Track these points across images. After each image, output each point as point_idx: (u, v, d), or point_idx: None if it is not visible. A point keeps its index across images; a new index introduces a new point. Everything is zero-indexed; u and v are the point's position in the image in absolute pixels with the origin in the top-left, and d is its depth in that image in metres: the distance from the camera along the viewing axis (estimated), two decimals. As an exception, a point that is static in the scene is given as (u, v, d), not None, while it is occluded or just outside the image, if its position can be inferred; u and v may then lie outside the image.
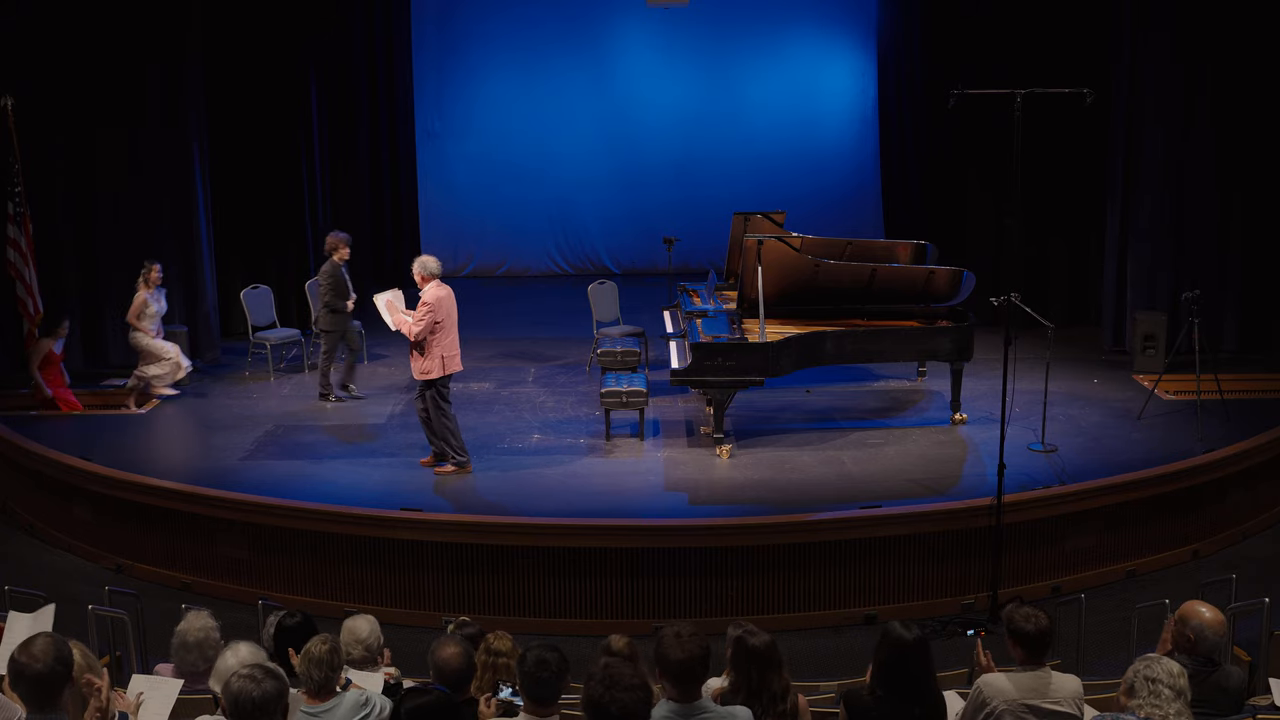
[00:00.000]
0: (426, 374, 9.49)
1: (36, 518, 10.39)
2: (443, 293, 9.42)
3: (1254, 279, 12.68)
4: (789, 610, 8.74)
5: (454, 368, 9.56)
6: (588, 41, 16.12)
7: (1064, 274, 14.09)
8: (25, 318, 11.81)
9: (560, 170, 16.33)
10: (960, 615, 8.79)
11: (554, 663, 4.31)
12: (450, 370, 9.53)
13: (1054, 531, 9.16)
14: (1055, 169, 13.39)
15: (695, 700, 4.28)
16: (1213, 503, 9.79)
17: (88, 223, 12.45)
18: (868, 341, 10.55)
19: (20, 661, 3.99)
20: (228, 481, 9.62)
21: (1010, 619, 5.01)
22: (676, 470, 9.91)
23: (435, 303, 9.31)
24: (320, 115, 14.28)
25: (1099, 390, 11.79)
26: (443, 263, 10.09)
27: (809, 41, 16.17)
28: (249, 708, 4.03)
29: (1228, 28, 12.08)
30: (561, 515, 9.08)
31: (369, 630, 5.59)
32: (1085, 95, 8.75)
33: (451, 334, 9.47)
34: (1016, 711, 4.82)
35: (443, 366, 9.47)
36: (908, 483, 9.57)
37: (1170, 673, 4.35)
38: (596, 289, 12.87)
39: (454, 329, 9.49)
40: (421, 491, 9.55)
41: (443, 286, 9.48)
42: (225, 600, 8.94)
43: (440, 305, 9.34)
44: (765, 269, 10.19)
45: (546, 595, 8.78)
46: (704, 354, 9.91)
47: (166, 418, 11.42)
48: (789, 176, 15.78)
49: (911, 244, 11.62)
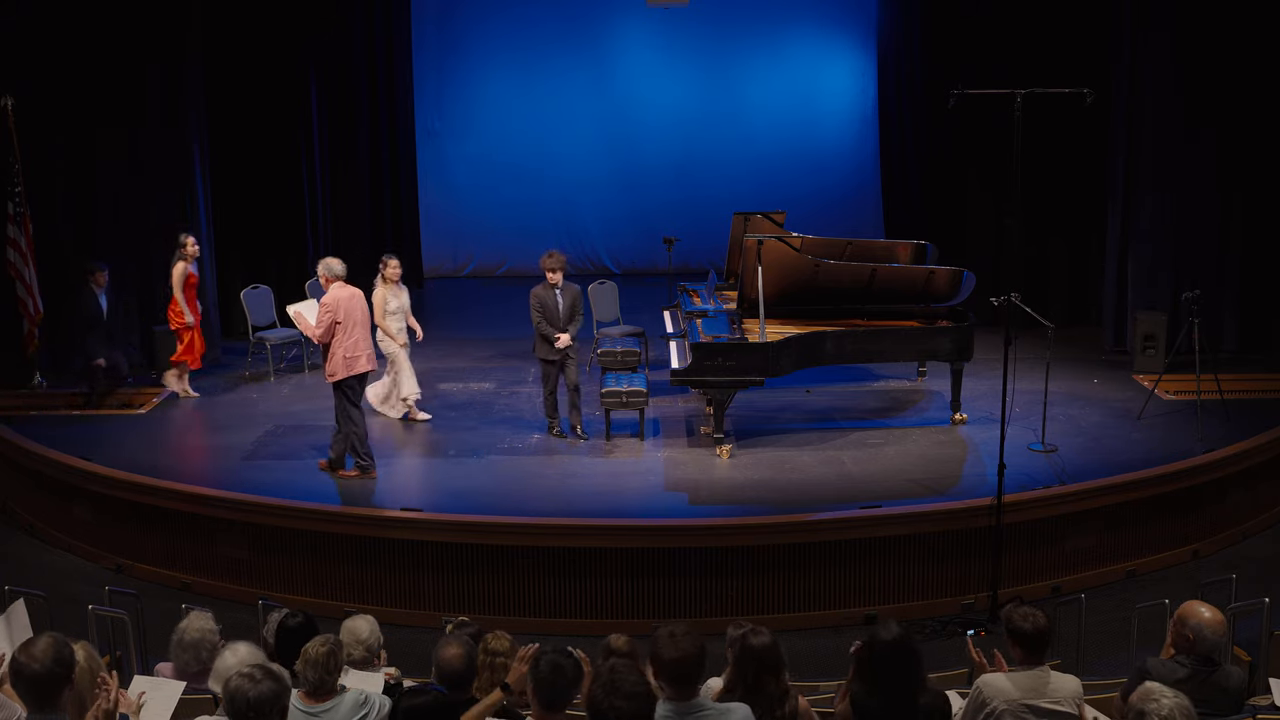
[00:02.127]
0: (332, 376, 9.50)
1: (36, 518, 10.40)
2: (343, 294, 9.43)
3: (1254, 279, 12.68)
4: (789, 610, 8.74)
5: (359, 368, 9.48)
6: (588, 41, 16.12)
7: (1064, 274, 14.09)
8: (25, 318, 11.82)
9: (560, 170, 16.33)
10: (960, 615, 8.79)
11: (569, 669, 4.29)
12: (355, 371, 9.46)
13: (1054, 531, 9.16)
14: (1055, 169, 13.39)
15: (691, 699, 4.28)
16: (1213, 503, 9.79)
17: (88, 223, 12.45)
18: (868, 341, 10.54)
19: (20, 661, 3.99)
20: (228, 481, 9.63)
21: (1009, 618, 5.01)
22: (676, 470, 9.91)
23: (334, 304, 9.36)
24: (320, 115, 14.29)
25: (1099, 390, 11.79)
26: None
27: (809, 41, 16.17)
28: (244, 707, 4.03)
29: (1228, 28, 12.07)
30: (561, 515, 9.08)
31: (369, 630, 5.60)
32: (1085, 95, 8.75)
33: (354, 335, 9.41)
34: (1016, 711, 4.82)
35: (346, 367, 9.41)
36: (908, 483, 9.57)
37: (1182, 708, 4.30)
38: (596, 289, 12.88)
39: (357, 330, 9.43)
40: (421, 491, 9.55)
41: (345, 288, 9.50)
42: (225, 600, 8.95)
43: (339, 306, 9.35)
44: (765, 269, 10.19)
45: (546, 595, 8.78)
46: (704, 354, 9.91)
47: (167, 418, 11.42)
48: (789, 176, 15.78)
49: (911, 244, 11.62)
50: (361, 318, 9.50)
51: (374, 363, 9.69)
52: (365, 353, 9.48)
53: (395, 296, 10.80)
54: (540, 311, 10.35)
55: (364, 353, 9.46)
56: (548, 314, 10.35)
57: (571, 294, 10.48)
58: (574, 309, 10.47)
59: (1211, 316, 12.06)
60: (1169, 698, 4.28)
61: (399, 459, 10.27)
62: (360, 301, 9.55)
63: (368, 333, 9.57)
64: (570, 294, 10.47)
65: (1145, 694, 4.34)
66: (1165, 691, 4.33)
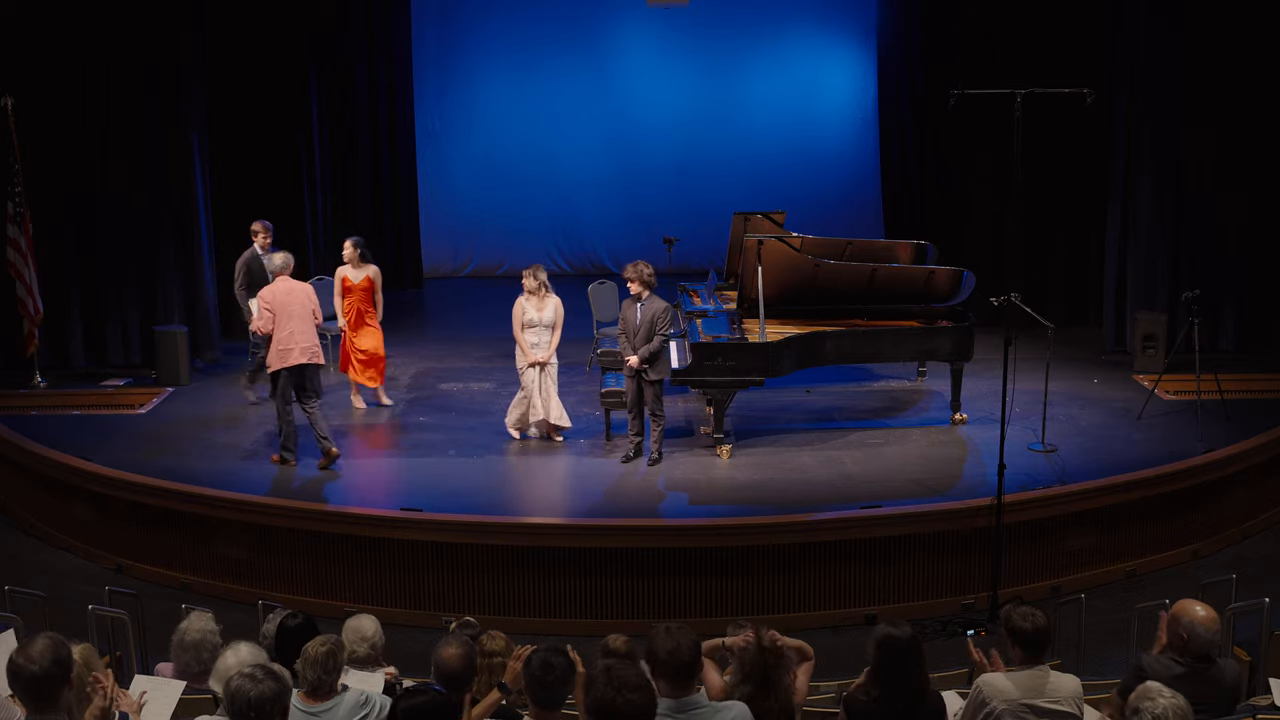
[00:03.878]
0: (268, 366, 9.76)
1: (36, 517, 10.40)
2: (280, 288, 9.68)
3: (1254, 279, 12.68)
4: (789, 610, 8.74)
5: (292, 360, 9.59)
6: (588, 41, 16.11)
7: (1064, 274, 14.08)
8: (25, 318, 11.83)
9: (560, 170, 16.32)
10: (960, 615, 8.79)
11: (559, 667, 4.29)
12: (288, 363, 9.59)
13: (1054, 531, 9.16)
14: (1055, 169, 13.38)
15: (688, 696, 4.28)
16: (1213, 503, 9.79)
17: (88, 223, 12.45)
18: (868, 342, 10.54)
19: (17, 663, 3.99)
20: (228, 481, 9.62)
21: (1008, 618, 5.01)
22: (676, 470, 9.91)
23: (270, 298, 9.62)
24: (320, 115, 14.29)
25: (1099, 390, 11.79)
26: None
27: (809, 41, 16.15)
28: (244, 706, 4.03)
29: (1228, 27, 12.08)
30: (561, 515, 9.07)
31: (374, 629, 5.61)
32: (1085, 95, 8.75)
33: (288, 328, 9.56)
34: (1016, 711, 4.82)
35: (280, 359, 9.61)
36: (908, 483, 9.57)
37: (1177, 708, 4.30)
38: (596, 289, 12.87)
39: (292, 323, 9.58)
40: (422, 491, 9.55)
41: (286, 282, 9.75)
42: (225, 600, 8.95)
43: (274, 300, 9.59)
44: (765, 269, 10.19)
45: (546, 595, 8.78)
46: (704, 354, 9.90)
47: (167, 418, 11.41)
48: (789, 176, 15.76)
49: (911, 244, 11.62)
50: (299, 311, 9.62)
51: (309, 355, 9.68)
52: (299, 345, 9.59)
53: (535, 309, 10.21)
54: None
55: (297, 345, 9.59)
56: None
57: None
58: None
59: (1211, 316, 12.07)
60: (1166, 697, 4.29)
61: (399, 459, 10.27)
62: (300, 296, 9.70)
63: (306, 326, 9.66)
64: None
65: (1143, 693, 4.35)
66: (1163, 691, 4.34)
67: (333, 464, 9.82)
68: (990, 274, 12.33)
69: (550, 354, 10.24)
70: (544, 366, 10.20)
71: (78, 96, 12.13)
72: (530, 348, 10.17)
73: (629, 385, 9.91)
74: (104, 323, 12.61)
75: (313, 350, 9.71)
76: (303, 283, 9.97)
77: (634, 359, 9.72)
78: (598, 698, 3.86)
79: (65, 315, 12.50)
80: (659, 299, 9.84)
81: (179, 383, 12.10)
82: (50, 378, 12.17)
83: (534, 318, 10.17)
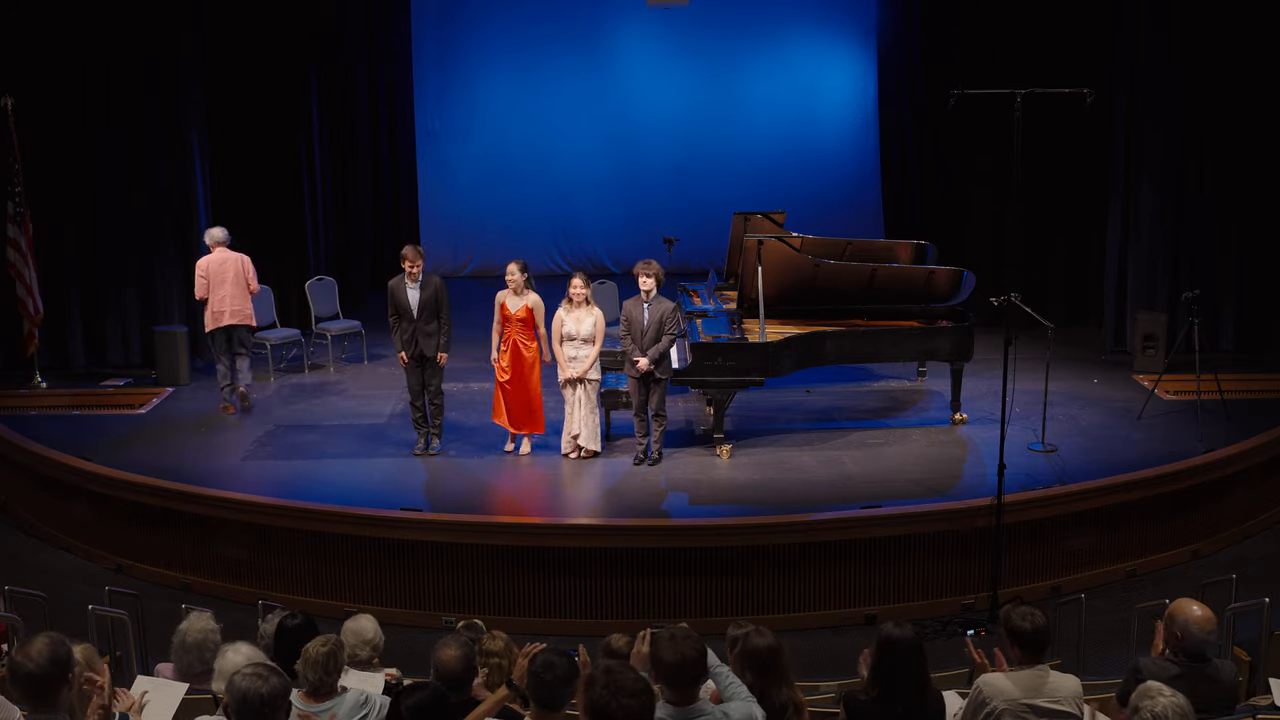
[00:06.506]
0: (206, 327, 11.11)
1: (36, 517, 10.40)
2: (215, 258, 11.00)
3: (1254, 279, 12.68)
4: (789, 610, 8.74)
5: (224, 321, 11.02)
6: (588, 41, 16.10)
7: (1064, 274, 14.07)
8: (25, 318, 11.82)
9: (560, 170, 16.31)
10: (960, 615, 8.79)
11: (560, 667, 4.27)
12: (220, 324, 11.02)
13: (1054, 531, 9.16)
14: (1055, 169, 13.38)
15: (691, 703, 4.26)
16: (1213, 503, 9.79)
17: (88, 223, 12.45)
18: (867, 342, 10.54)
19: (15, 661, 3.99)
20: (228, 481, 9.63)
21: (1007, 618, 5.01)
22: (676, 470, 9.91)
23: (203, 267, 11.00)
24: (320, 115, 14.27)
25: (1099, 390, 11.79)
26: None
27: (809, 41, 16.15)
28: (257, 704, 4.01)
29: (1227, 28, 12.07)
30: (561, 515, 9.06)
31: (374, 630, 5.61)
32: (1085, 95, 8.75)
33: (218, 293, 10.97)
34: (1016, 711, 4.82)
35: (213, 320, 11.04)
36: (908, 483, 9.57)
37: (1177, 707, 4.30)
38: (596, 289, 12.84)
39: (224, 287, 10.97)
40: (422, 491, 9.55)
41: (221, 252, 11.01)
42: (225, 600, 8.95)
43: (209, 269, 10.97)
44: (765, 269, 10.19)
45: (547, 595, 8.78)
46: (704, 354, 9.90)
47: (167, 418, 11.42)
48: (789, 176, 15.75)
49: (911, 244, 11.62)
50: (233, 277, 10.98)
51: (239, 318, 11.06)
52: (229, 309, 11.00)
53: (575, 322, 9.75)
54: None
55: (227, 309, 11.00)
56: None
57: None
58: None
59: (1211, 316, 12.07)
60: (1165, 696, 4.29)
61: (398, 459, 10.26)
62: (232, 265, 10.99)
63: (238, 290, 11.00)
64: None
65: (1144, 692, 4.35)
66: (1164, 690, 4.34)
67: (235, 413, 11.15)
68: (990, 274, 12.33)
69: (587, 369, 9.76)
70: (582, 382, 9.83)
71: (78, 96, 12.13)
72: (568, 361, 9.77)
73: (633, 386, 9.83)
74: (104, 323, 12.61)
75: (244, 314, 11.12)
76: (237, 253, 11.06)
77: (644, 361, 9.54)
78: (594, 700, 3.84)
79: (65, 315, 12.50)
80: (665, 298, 9.79)
81: (179, 383, 12.12)
82: (50, 378, 12.17)
83: (572, 330, 9.74)
